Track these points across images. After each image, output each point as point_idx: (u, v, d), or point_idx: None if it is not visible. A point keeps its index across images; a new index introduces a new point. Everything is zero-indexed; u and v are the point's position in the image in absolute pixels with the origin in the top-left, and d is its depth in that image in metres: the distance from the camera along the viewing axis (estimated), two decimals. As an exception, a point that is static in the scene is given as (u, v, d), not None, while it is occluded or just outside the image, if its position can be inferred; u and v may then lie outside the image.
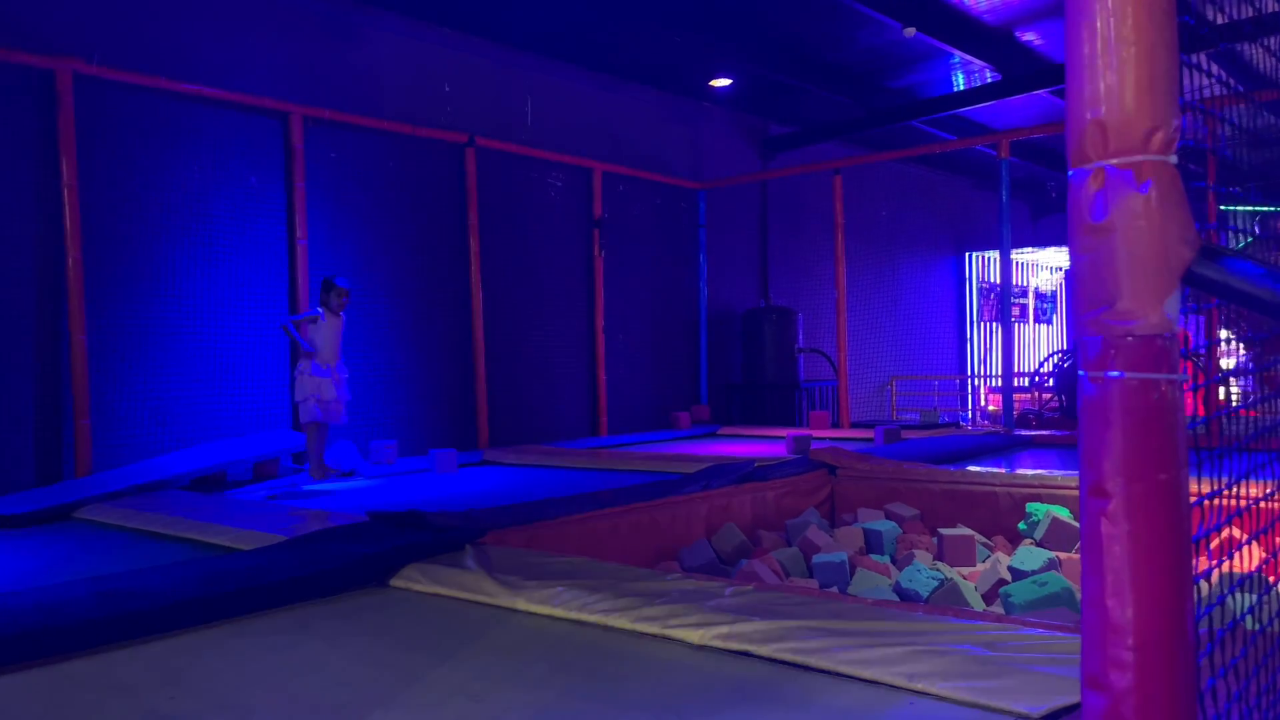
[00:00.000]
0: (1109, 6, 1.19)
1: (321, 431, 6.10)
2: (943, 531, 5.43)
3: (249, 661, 2.86)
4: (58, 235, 6.54)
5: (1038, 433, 9.36)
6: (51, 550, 4.67)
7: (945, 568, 5.12)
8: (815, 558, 5.06)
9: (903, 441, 8.57)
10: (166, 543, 4.69)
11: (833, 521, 6.39)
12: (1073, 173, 1.25)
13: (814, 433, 9.48)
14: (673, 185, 11.40)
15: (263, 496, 6.23)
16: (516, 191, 9.70)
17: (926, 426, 10.48)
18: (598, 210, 10.38)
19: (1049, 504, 5.66)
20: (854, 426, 10.53)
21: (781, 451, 8.29)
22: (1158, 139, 1.20)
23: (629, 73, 10.78)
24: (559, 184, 10.13)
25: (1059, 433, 9.30)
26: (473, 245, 9.10)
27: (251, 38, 7.70)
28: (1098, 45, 1.20)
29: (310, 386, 6.11)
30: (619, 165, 10.61)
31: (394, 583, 3.70)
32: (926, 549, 5.44)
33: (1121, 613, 1.17)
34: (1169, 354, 1.19)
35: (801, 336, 11.98)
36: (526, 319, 9.78)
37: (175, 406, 7.12)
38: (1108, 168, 1.21)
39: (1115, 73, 1.19)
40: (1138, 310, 1.19)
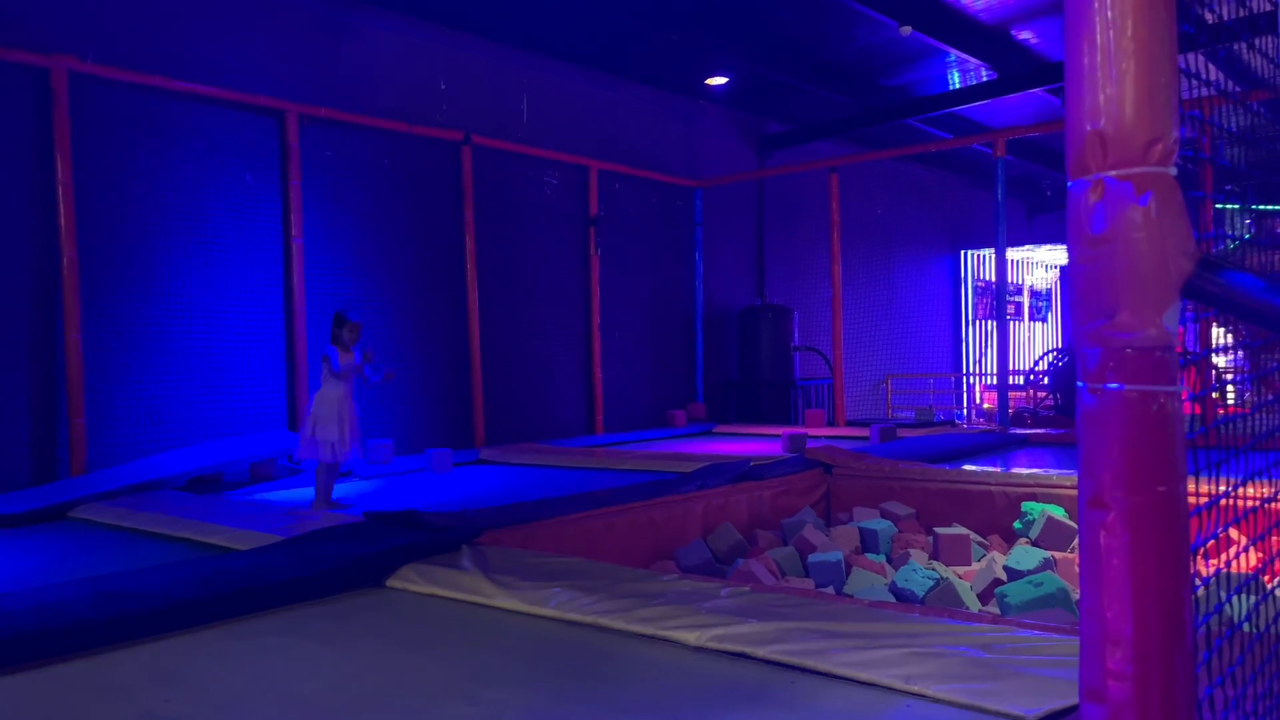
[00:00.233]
0: (1109, 18, 1.19)
1: (332, 471, 5.99)
2: (938, 531, 5.44)
3: (245, 663, 2.85)
4: (53, 234, 6.52)
5: (1033, 431, 9.38)
6: (47, 550, 4.66)
7: (941, 567, 5.13)
8: (811, 557, 5.07)
9: (898, 440, 8.58)
10: (162, 542, 4.68)
11: (828, 520, 6.40)
12: (1072, 184, 1.24)
13: (810, 431, 9.49)
14: (669, 183, 11.40)
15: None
16: (512, 190, 9.69)
17: (922, 425, 10.50)
18: (594, 208, 10.37)
19: (1044, 503, 5.67)
20: (849, 425, 10.54)
21: (777, 450, 8.30)
22: (1157, 150, 1.20)
23: (625, 71, 10.77)
24: (555, 182, 10.12)
25: (1054, 431, 9.32)
26: (468, 243, 9.08)
27: (247, 36, 7.68)
28: (1097, 57, 1.20)
29: (325, 429, 5.90)
30: (615, 163, 10.60)
31: (390, 583, 3.70)
32: (922, 548, 5.44)
33: (1120, 625, 1.17)
34: (1168, 366, 1.19)
35: (797, 335, 11.99)
36: (522, 317, 9.77)
37: (171, 406, 7.11)
38: (1107, 179, 1.21)
39: (1115, 84, 1.19)
40: (1137, 323, 1.19)
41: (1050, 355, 13.49)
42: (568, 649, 2.90)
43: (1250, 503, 1.79)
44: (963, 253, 16.61)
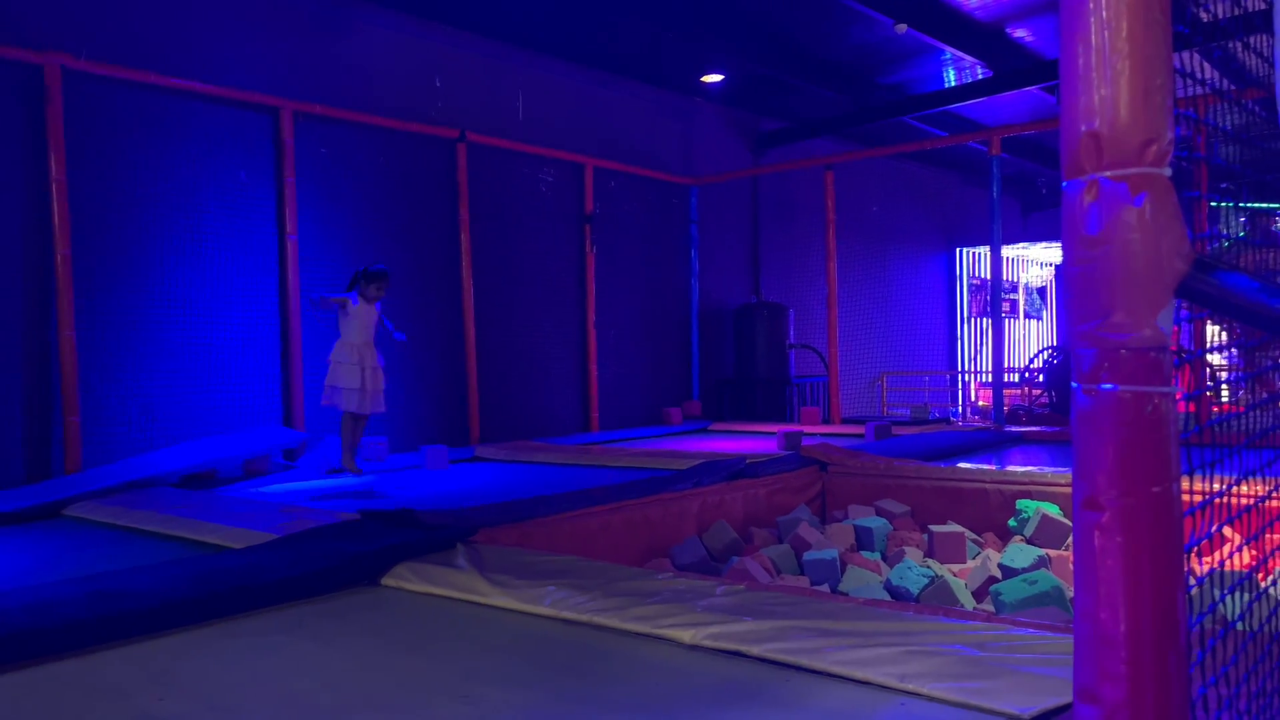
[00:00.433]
0: (1104, 18, 1.19)
1: (358, 424, 5.74)
2: (933, 528, 5.45)
3: (240, 662, 2.85)
4: (46, 231, 6.50)
5: (1028, 429, 9.39)
6: (41, 548, 4.64)
7: (936, 565, 5.14)
8: (806, 555, 5.07)
9: (893, 438, 8.59)
10: (156, 541, 4.67)
11: (824, 518, 6.41)
12: (1067, 184, 1.24)
13: (805, 429, 9.49)
14: (664, 181, 11.39)
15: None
16: (508, 187, 9.68)
17: (917, 422, 10.51)
18: (589, 206, 10.37)
19: (1039, 501, 5.68)
20: (845, 422, 10.55)
21: (773, 447, 8.30)
22: (1152, 151, 1.20)
23: (621, 68, 10.75)
24: (550, 179, 10.10)
25: (1049, 429, 9.33)
26: (464, 241, 9.07)
27: (242, 32, 7.66)
28: (1092, 57, 1.20)
29: (346, 377, 5.65)
30: (611, 161, 10.59)
31: (385, 582, 3.69)
32: (917, 546, 5.45)
33: (1114, 626, 1.18)
34: (1162, 367, 1.19)
35: (793, 332, 11.99)
36: (518, 315, 9.76)
37: (165, 403, 7.09)
38: (1102, 180, 1.21)
39: (1110, 85, 1.19)
40: (1131, 324, 1.19)
41: (1045, 353, 13.52)
42: (563, 647, 2.90)
43: (1245, 500, 1.80)
44: (958, 250, 16.63)
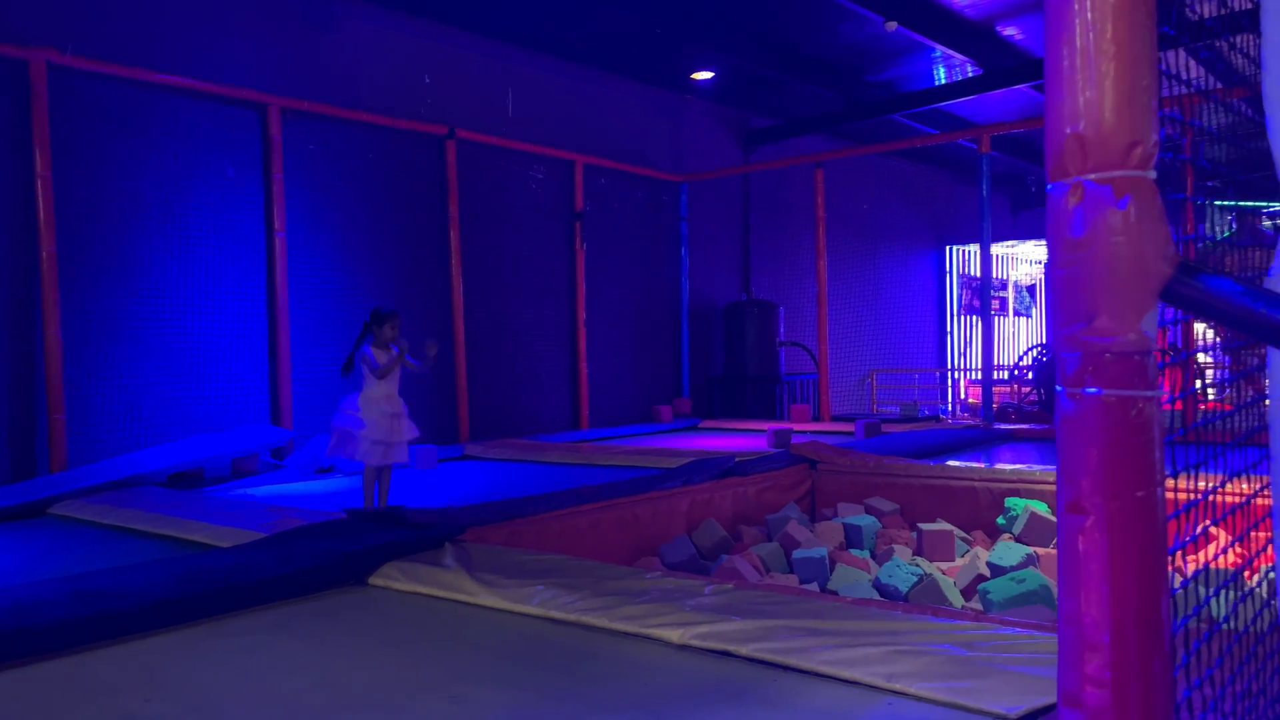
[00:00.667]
0: (1089, 20, 1.18)
1: (383, 475, 5.59)
2: (922, 526, 5.46)
3: (226, 662, 2.83)
4: (31, 228, 6.46)
5: (1017, 426, 9.42)
6: (26, 547, 4.62)
7: (924, 563, 5.14)
8: (795, 553, 5.07)
9: (883, 435, 8.60)
10: (143, 540, 4.65)
11: (813, 516, 6.41)
12: (1051, 186, 1.24)
13: (795, 426, 9.50)
14: (654, 178, 11.38)
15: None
16: (497, 184, 9.66)
17: (907, 420, 10.53)
18: (579, 203, 10.35)
19: (1028, 499, 5.69)
20: (835, 420, 10.57)
21: (763, 445, 8.31)
22: (1137, 154, 1.19)
23: (611, 65, 10.74)
24: (540, 176, 10.09)
25: (1038, 426, 9.35)
26: (453, 238, 9.05)
27: (229, 28, 7.62)
28: (1077, 59, 1.19)
29: (378, 429, 5.31)
30: (600, 158, 10.58)
31: (373, 581, 3.68)
32: (906, 544, 5.46)
33: (1098, 630, 1.17)
34: (1146, 371, 1.19)
35: (783, 330, 12.00)
36: (508, 312, 9.74)
37: (152, 401, 7.06)
38: (1086, 183, 1.21)
39: (1094, 87, 1.19)
40: (1116, 327, 1.19)
41: (1034, 351, 13.54)
42: (551, 647, 2.89)
43: (1232, 499, 1.80)
44: (948, 248, 16.66)
